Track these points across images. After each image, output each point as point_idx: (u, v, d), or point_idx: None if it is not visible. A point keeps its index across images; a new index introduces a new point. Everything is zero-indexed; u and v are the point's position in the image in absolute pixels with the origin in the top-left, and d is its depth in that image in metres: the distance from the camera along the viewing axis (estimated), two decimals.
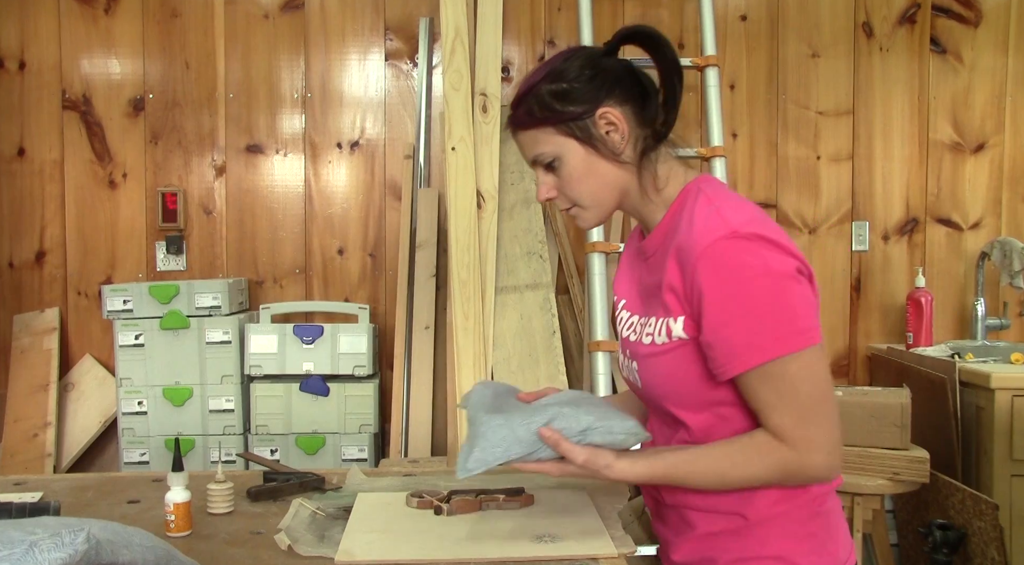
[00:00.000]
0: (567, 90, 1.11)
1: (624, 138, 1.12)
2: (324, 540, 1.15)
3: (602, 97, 1.11)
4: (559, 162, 1.13)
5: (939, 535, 2.34)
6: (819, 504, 1.11)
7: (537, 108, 1.12)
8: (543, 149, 1.13)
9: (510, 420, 1.08)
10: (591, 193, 1.14)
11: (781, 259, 1.02)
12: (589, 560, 1.07)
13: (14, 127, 2.89)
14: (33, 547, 0.75)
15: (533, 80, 1.13)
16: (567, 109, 1.11)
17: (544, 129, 1.12)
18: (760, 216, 1.06)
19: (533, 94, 1.12)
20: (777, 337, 1.00)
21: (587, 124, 1.11)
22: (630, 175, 1.14)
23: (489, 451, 1.05)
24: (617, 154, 1.12)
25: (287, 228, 2.93)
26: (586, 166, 1.12)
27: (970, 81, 2.99)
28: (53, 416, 2.68)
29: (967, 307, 2.99)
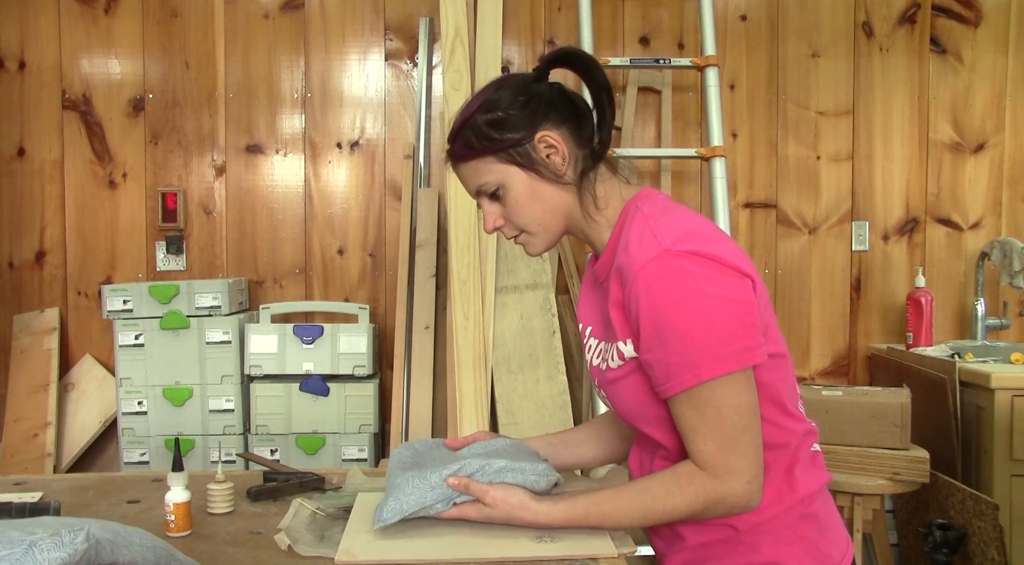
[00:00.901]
0: (503, 118, 1.11)
1: (565, 160, 1.12)
2: (324, 540, 1.15)
3: (538, 121, 1.11)
4: (503, 190, 1.13)
5: (939, 535, 2.34)
6: (807, 506, 1.11)
7: (475, 139, 1.12)
8: (485, 179, 1.13)
9: (423, 470, 1.16)
10: (537, 218, 1.14)
11: (715, 277, 1.00)
12: (589, 560, 1.07)
13: (14, 127, 2.89)
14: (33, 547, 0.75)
15: (467, 113, 1.13)
16: (505, 136, 1.11)
17: (484, 159, 1.12)
18: (696, 229, 1.05)
19: (469, 126, 1.12)
20: (706, 360, 0.99)
21: (527, 149, 1.11)
22: (573, 197, 1.14)
23: (403, 500, 1.13)
24: (560, 176, 1.12)
25: (287, 228, 2.93)
26: (530, 191, 1.12)
27: (970, 81, 2.99)
28: (53, 416, 2.68)
29: (967, 307, 2.99)
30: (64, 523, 0.80)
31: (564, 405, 2.43)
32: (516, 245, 1.24)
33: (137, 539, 0.89)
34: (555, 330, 2.48)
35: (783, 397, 1.11)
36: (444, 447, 1.31)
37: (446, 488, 1.14)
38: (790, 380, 1.14)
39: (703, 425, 1.02)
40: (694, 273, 1.00)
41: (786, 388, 1.12)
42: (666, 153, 2.79)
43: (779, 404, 1.10)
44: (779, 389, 1.10)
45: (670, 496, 1.05)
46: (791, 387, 1.14)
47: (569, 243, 2.85)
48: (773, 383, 1.09)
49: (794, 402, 1.14)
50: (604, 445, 1.36)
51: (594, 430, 1.37)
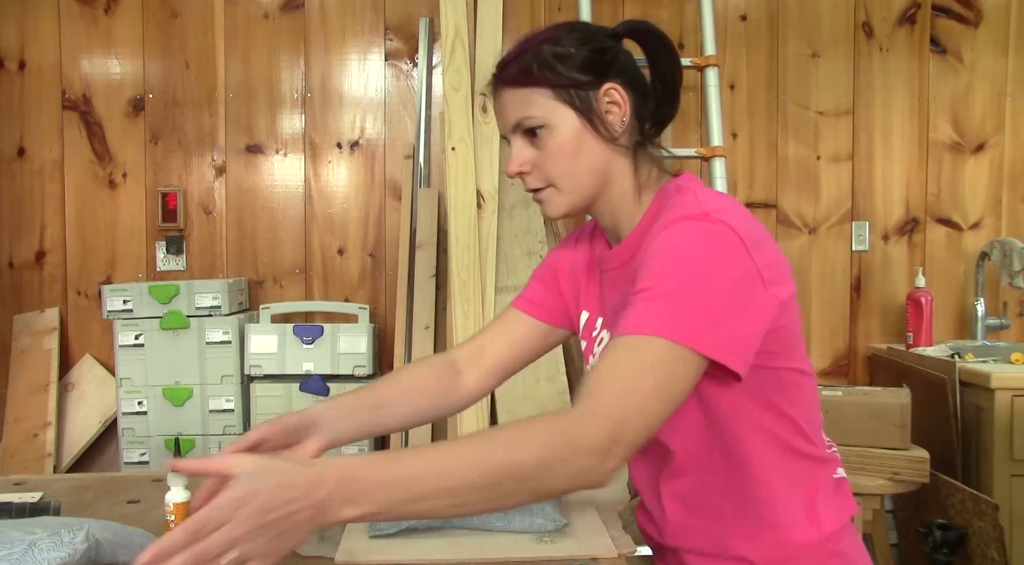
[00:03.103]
0: (574, 55, 1.00)
1: (624, 122, 1.02)
2: (324, 540, 1.15)
3: (609, 72, 1.01)
4: (547, 131, 1.00)
5: (939, 535, 2.34)
6: (835, 543, 1.00)
7: (536, 66, 1.00)
8: (533, 112, 1.01)
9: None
10: (573, 174, 1.02)
11: (739, 259, 0.89)
12: (589, 560, 1.07)
13: (14, 127, 2.89)
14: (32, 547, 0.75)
15: (533, 40, 1.02)
16: (572, 75, 1.00)
17: (540, 90, 1.00)
18: (740, 212, 0.95)
19: (533, 52, 1.01)
20: (691, 326, 0.85)
21: (589, 96, 1.01)
22: (619, 165, 1.04)
23: None
24: (614, 137, 1.02)
25: (287, 228, 2.93)
26: (577, 141, 1.01)
27: (970, 81, 2.99)
28: (53, 416, 2.68)
29: (967, 307, 2.99)
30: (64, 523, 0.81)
31: (564, 405, 2.43)
32: (518, 246, 1.21)
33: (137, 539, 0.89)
34: None
35: (806, 421, 1.00)
36: None
37: None
38: (814, 401, 1.03)
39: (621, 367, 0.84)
40: (722, 244, 0.89)
41: (810, 411, 1.02)
42: (666, 153, 2.79)
43: (800, 430, 1.00)
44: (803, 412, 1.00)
45: (517, 438, 0.80)
46: (815, 408, 1.03)
47: None
48: (797, 403, 0.99)
49: (817, 426, 1.04)
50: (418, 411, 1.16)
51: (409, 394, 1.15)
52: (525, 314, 1.21)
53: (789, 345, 0.97)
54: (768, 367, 0.95)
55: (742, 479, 0.98)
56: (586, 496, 1.33)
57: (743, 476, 0.98)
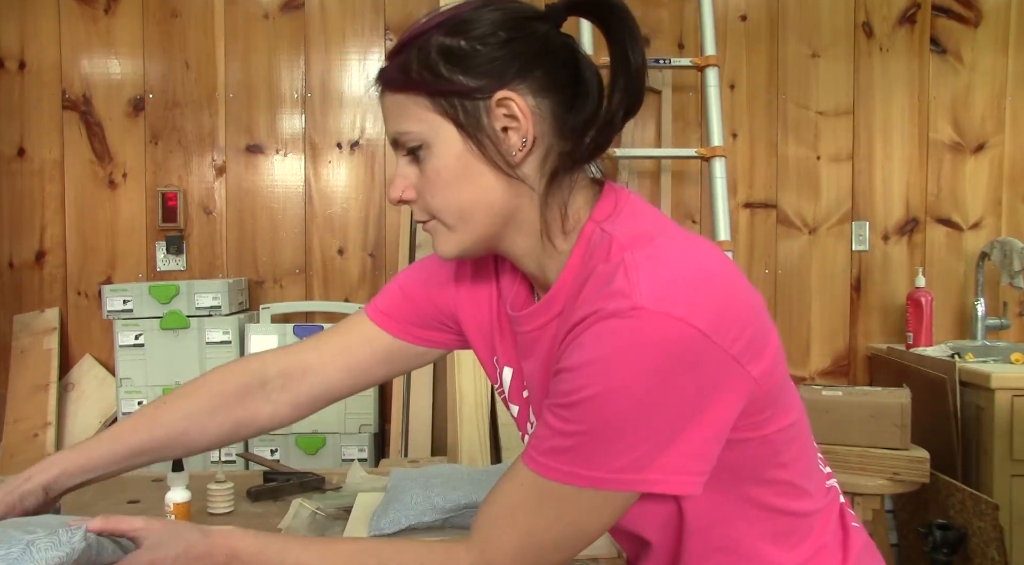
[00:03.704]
0: (465, 51, 0.77)
1: (525, 144, 0.77)
2: None
3: (511, 74, 0.76)
4: (426, 152, 0.79)
5: (939, 535, 2.33)
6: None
7: (416, 66, 0.78)
8: (408, 126, 0.79)
9: (429, 491, 1.17)
10: (458, 208, 0.79)
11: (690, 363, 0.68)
12: (589, 560, 1.07)
13: (14, 127, 2.88)
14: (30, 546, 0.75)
15: (424, 26, 0.79)
16: (455, 78, 0.76)
17: (417, 97, 0.78)
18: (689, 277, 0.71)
19: (418, 45, 0.79)
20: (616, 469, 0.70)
21: (477, 107, 0.77)
22: (522, 201, 0.79)
23: (404, 513, 1.13)
24: (511, 164, 0.77)
25: (287, 228, 2.93)
26: (461, 166, 0.78)
27: (970, 81, 2.99)
28: (53, 416, 2.68)
29: (967, 307, 2.99)
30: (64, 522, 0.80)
31: None
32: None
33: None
34: None
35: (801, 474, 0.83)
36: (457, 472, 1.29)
37: (446, 511, 1.14)
38: (807, 447, 0.84)
39: (526, 518, 0.73)
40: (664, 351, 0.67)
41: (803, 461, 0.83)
42: (666, 153, 2.79)
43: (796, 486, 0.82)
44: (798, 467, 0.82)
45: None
46: (809, 454, 0.85)
47: None
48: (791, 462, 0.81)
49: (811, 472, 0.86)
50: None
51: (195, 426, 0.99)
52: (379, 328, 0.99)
53: (776, 404, 0.77)
54: (753, 438, 0.76)
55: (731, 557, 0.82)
56: None
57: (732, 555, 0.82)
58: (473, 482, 1.23)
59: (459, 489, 1.18)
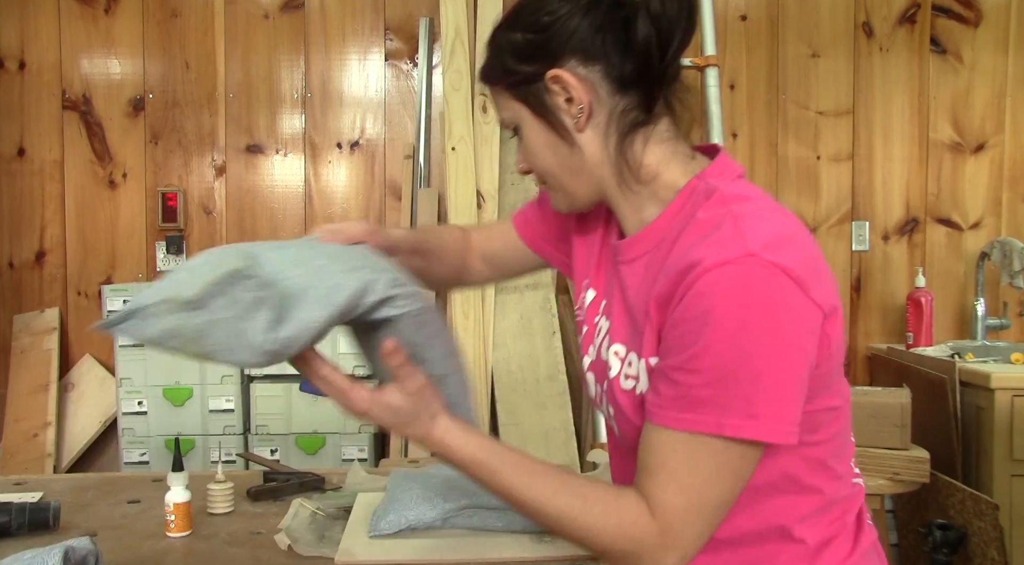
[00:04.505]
0: (521, 42, 0.86)
1: (583, 110, 0.85)
2: (324, 540, 1.15)
3: (559, 52, 0.84)
4: (520, 131, 0.90)
5: (939, 535, 2.34)
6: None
7: (495, 62, 0.89)
8: (503, 114, 0.92)
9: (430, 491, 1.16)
10: (553, 173, 0.91)
11: (799, 313, 0.76)
12: (589, 560, 1.07)
13: (14, 127, 2.89)
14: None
15: (498, 26, 0.90)
16: (519, 68, 0.86)
17: (500, 90, 0.90)
18: (790, 235, 0.80)
19: (495, 43, 0.89)
20: (742, 412, 0.76)
21: (538, 88, 0.86)
22: (599, 160, 0.88)
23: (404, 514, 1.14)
24: (578, 130, 0.86)
25: (287, 228, 2.93)
26: (543, 141, 0.88)
27: (970, 81, 2.99)
28: (53, 416, 2.68)
29: (967, 307, 2.99)
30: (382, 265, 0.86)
31: (564, 405, 2.42)
32: None
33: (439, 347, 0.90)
34: (555, 330, 2.48)
35: (839, 453, 0.89)
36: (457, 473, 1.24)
37: (447, 510, 1.14)
38: (847, 432, 0.92)
39: (690, 478, 0.78)
40: (776, 298, 0.74)
41: (842, 443, 0.90)
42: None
43: (831, 467, 0.88)
44: (837, 445, 0.89)
45: (602, 519, 0.81)
46: (848, 440, 0.93)
47: None
48: (831, 439, 0.87)
49: (850, 457, 0.93)
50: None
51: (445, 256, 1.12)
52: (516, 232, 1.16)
53: (828, 383, 0.85)
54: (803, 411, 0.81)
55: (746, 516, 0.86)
56: None
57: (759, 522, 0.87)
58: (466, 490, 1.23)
59: (459, 489, 1.18)
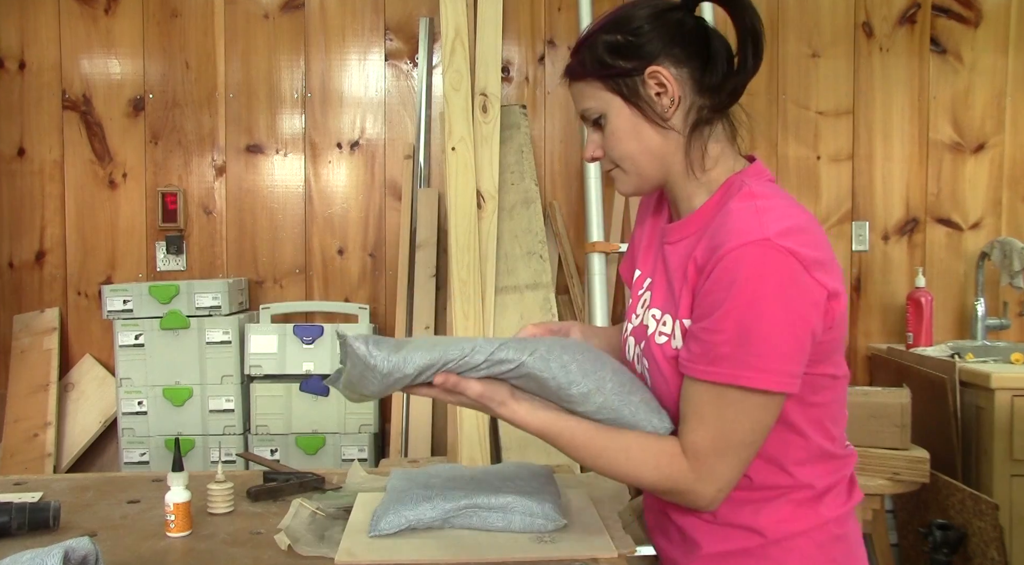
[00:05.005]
0: (622, 43, 1.04)
1: (674, 103, 1.04)
2: (324, 540, 1.15)
3: (657, 54, 1.03)
4: (604, 120, 1.07)
5: (939, 535, 2.34)
6: (838, 526, 1.06)
7: (589, 59, 1.06)
8: (590, 104, 1.08)
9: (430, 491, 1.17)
10: (632, 158, 1.07)
11: (802, 288, 0.94)
12: (589, 560, 1.07)
13: (14, 127, 2.89)
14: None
15: (594, 28, 1.08)
16: (617, 63, 1.04)
17: (592, 82, 1.06)
18: (802, 227, 0.97)
19: (590, 43, 1.06)
20: (754, 366, 0.94)
21: (635, 82, 1.04)
22: (675, 147, 1.06)
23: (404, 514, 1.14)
24: (664, 120, 1.04)
25: (287, 228, 2.93)
26: (630, 128, 1.06)
27: (970, 81, 2.99)
28: (53, 416, 2.68)
29: (967, 307, 2.99)
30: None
31: None
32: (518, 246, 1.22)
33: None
34: None
35: (835, 418, 1.07)
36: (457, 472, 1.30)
37: (446, 510, 1.14)
38: (843, 402, 1.09)
39: (715, 421, 0.97)
40: (784, 275, 0.93)
41: (838, 409, 1.08)
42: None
43: (827, 427, 1.06)
44: (833, 410, 1.06)
45: (643, 465, 1.01)
46: (843, 408, 1.10)
47: (569, 243, 2.84)
48: (829, 403, 1.05)
49: (843, 425, 1.10)
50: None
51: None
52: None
53: (830, 353, 1.03)
54: (805, 373, 0.99)
55: (761, 461, 1.03)
56: (586, 497, 1.33)
57: (763, 459, 1.03)
58: (473, 482, 1.23)
59: (459, 489, 1.18)
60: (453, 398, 1.05)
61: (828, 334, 0.99)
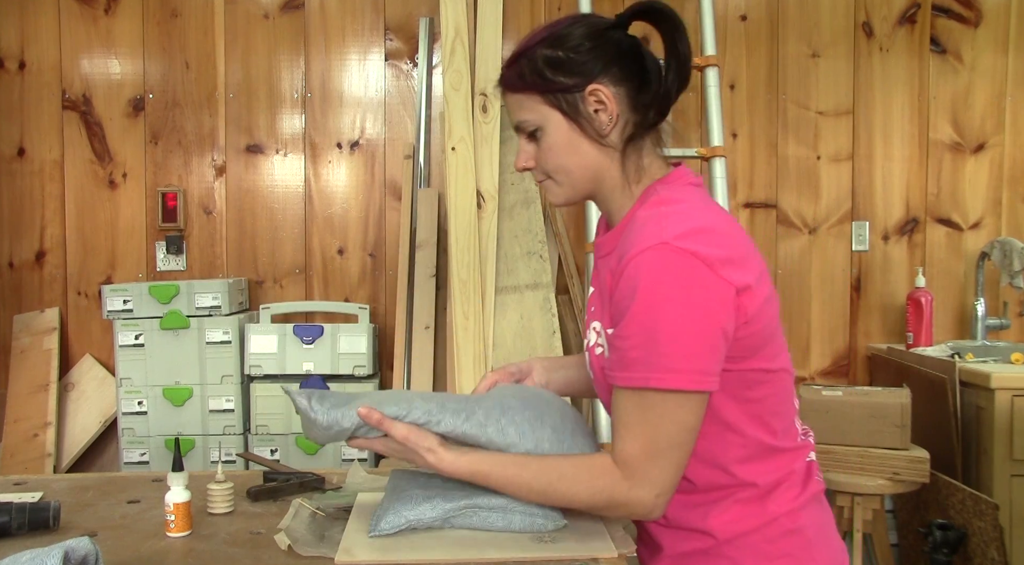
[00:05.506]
0: (562, 59, 1.05)
1: (612, 120, 1.06)
2: (324, 540, 1.15)
3: (597, 72, 1.05)
4: (541, 132, 1.08)
5: (939, 535, 2.34)
6: (791, 521, 1.06)
7: (528, 72, 1.07)
8: (527, 116, 1.09)
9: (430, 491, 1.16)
10: (567, 171, 1.09)
11: (708, 287, 0.95)
12: (589, 560, 1.07)
13: (14, 127, 2.89)
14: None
15: (531, 42, 1.08)
16: (558, 79, 1.05)
17: (531, 95, 1.08)
18: (705, 227, 0.99)
19: (528, 56, 1.07)
20: (661, 367, 0.95)
21: (575, 98, 1.06)
22: (610, 161, 1.09)
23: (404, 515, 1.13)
24: (601, 136, 1.07)
25: (287, 228, 2.93)
26: (567, 142, 1.08)
27: (970, 81, 2.99)
28: (53, 416, 2.68)
29: (967, 307, 2.99)
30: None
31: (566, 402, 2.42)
32: (518, 246, 1.23)
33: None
34: (555, 330, 2.48)
35: (776, 413, 1.07)
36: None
37: (447, 510, 1.14)
38: (785, 395, 1.09)
39: (640, 426, 0.98)
40: (686, 275, 0.95)
41: (777, 403, 1.08)
42: (666, 153, 2.78)
43: (767, 422, 1.06)
44: (772, 404, 1.06)
45: (576, 482, 1.02)
46: (785, 402, 1.09)
47: (569, 243, 2.84)
48: (765, 398, 1.06)
49: (788, 418, 1.10)
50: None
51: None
52: None
53: (757, 348, 1.03)
54: (730, 370, 1.01)
55: (701, 464, 1.05)
56: None
57: (702, 461, 1.05)
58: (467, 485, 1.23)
59: (459, 489, 1.18)
60: (380, 445, 1.09)
61: (747, 329, 1.00)
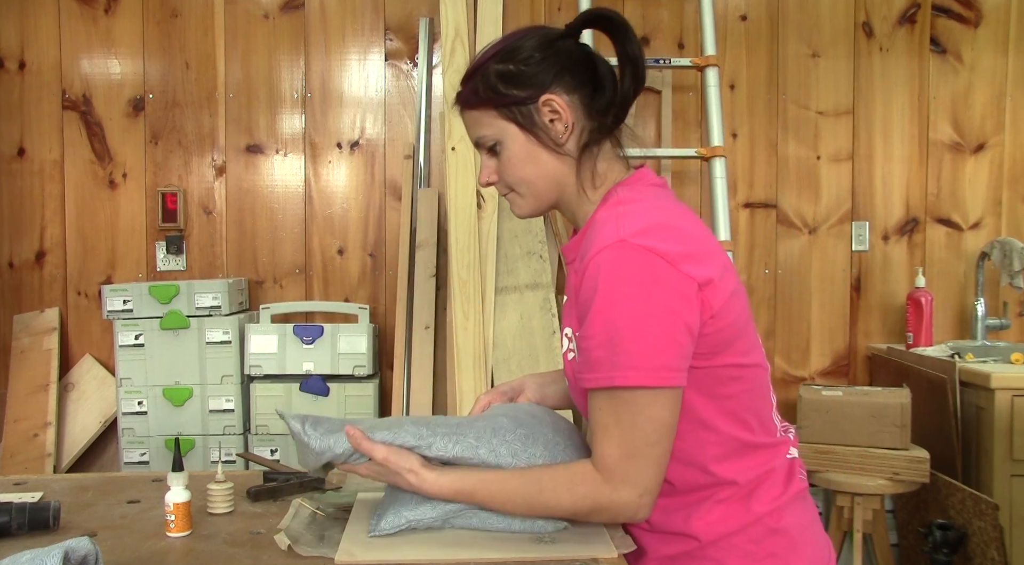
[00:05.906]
0: (514, 72, 1.06)
1: (567, 129, 1.07)
2: (324, 540, 1.15)
3: (549, 83, 1.06)
4: (500, 146, 1.09)
5: (939, 535, 2.34)
6: (775, 520, 1.06)
7: (482, 88, 1.08)
8: (485, 132, 1.10)
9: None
10: (528, 182, 1.10)
11: (668, 283, 0.95)
12: (589, 560, 1.07)
13: (14, 127, 2.89)
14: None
15: (483, 58, 1.09)
16: (511, 92, 1.06)
17: (487, 111, 1.09)
18: (663, 223, 1.00)
19: (481, 72, 1.09)
20: (624, 365, 0.95)
21: (530, 110, 1.07)
22: (569, 169, 1.10)
23: (404, 514, 1.13)
24: (559, 145, 1.08)
25: (287, 228, 2.93)
26: (526, 154, 1.08)
27: (970, 81, 2.99)
28: (53, 416, 2.68)
29: (967, 307, 2.99)
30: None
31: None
32: (518, 246, 1.24)
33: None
34: (555, 330, 2.48)
35: (752, 409, 1.07)
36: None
37: (447, 510, 1.14)
38: (760, 391, 1.09)
39: (614, 427, 0.98)
40: (644, 272, 0.95)
41: (752, 400, 1.07)
42: (666, 153, 2.79)
43: (743, 418, 1.06)
44: (747, 400, 1.06)
45: (559, 491, 1.02)
46: (761, 397, 1.09)
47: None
48: (740, 394, 1.05)
49: (765, 414, 1.10)
50: None
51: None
52: None
53: (727, 343, 1.02)
54: (701, 367, 1.01)
55: (679, 464, 1.05)
56: None
57: (680, 462, 1.05)
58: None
59: None
60: (364, 469, 1.09)
61: (714, 324, 1.00)
